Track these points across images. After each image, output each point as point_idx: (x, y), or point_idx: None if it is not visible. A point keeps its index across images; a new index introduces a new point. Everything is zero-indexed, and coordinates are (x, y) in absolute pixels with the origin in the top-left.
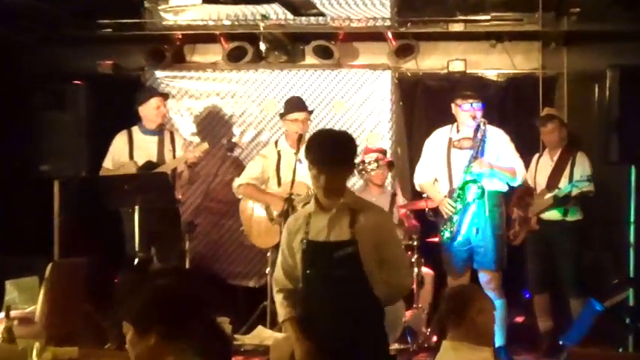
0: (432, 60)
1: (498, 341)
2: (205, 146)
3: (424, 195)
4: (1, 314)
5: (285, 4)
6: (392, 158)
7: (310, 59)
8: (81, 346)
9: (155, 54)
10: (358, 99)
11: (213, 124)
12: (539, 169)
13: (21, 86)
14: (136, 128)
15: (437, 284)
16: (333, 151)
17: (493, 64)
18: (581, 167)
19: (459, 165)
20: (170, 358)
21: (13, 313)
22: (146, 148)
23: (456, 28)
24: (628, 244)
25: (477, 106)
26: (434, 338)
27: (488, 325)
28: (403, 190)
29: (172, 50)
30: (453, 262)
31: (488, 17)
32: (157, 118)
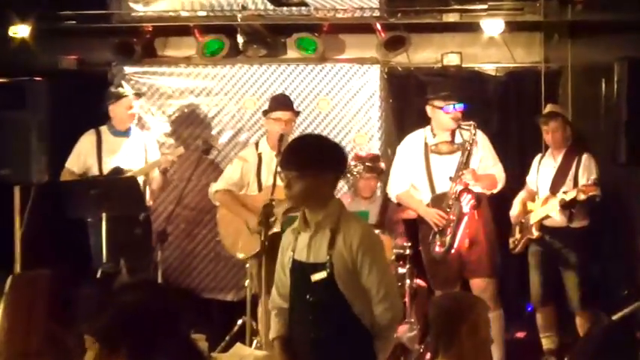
0: (425, 53)
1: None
2: (181, 150)
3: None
4: None
5: None
6: (383, 163)
7: (292, 53)
8: None
9: (123, 48)
10: (344, 96)
11: (187, 124)
12: (542, 172)
13: None
14: (105, 128)
15: (430, 297)
16: (297, 154)
17: (491, 58)
18: (587, 170)
19: (440, 171)
20: None
21: None
22: (116, 150)
23: (451, 18)
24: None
25: (459, 108)
26: (427, 356)
27: (483, 346)
28: None
29: (142, 44)
30: (442, 275)
31: (485, 7)
32: (129, 119)
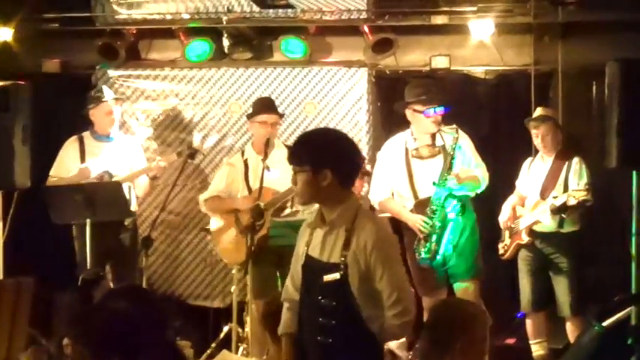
0: (413, 56)
1: None
2: (173, 157)
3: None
4: None
5: None
6: (369, 166)
7: (278, 56)
8: None
9: (107, 51)
10: (331, 99)
11: (172, 128)
12: (532, 176)
13: None
14: (87, 134)
15: (419, 302)
16: (297, 149)
17: (481, 60)
18: (578, 174)
19: (422, 176)
20: None
21: None
22: (99, 155)
23: (439, 20)
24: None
25: (439, 111)
26: None
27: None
28: None
29: (126, 47)
30: (428, 282)
31: (474, 8)
32: (109, 124)
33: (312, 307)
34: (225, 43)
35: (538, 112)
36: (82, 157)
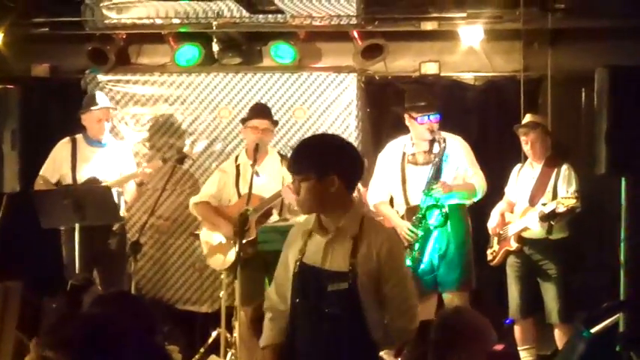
0: (403, 61)
1: None
2: (159, 164)
3: (380, 218)
4: None
5: (241, 0)
6: None
7: (268, 61)
8: None
9: (97, 56)
10: (321, 105)
11: (162, 133)
12: (521, 182)
13: None
14: (80, 137)
15: None
16: (298, 157)
17: (470, 66)
18: (567, 181)
19: (415, 182)
20: None
21: None
22: (90, 160)
23: (429, 26)
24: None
25: (434, 118)
26: None
27: None
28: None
29: (116, 51)
30: (417, 286)
31: (464, 15)
32: (99, 130)
33: (314, 315)
34: (215, 48)
35: (527, 118)
36: (74, 160)
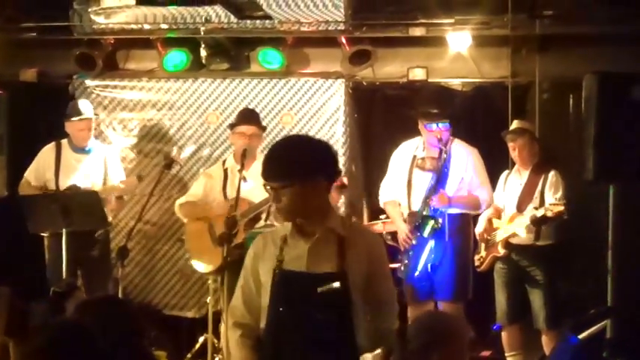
0: (390, 67)
1: None
2: (135, 181)
3: (381, 217)
4: None
5: (229, 5)
6: (345, 178)
7: (256, 66)
8: None
9: (85, 61)
10: (308, 111)
11: (149, 139)
12: (508, 189)
13: None
14: (65, 142)
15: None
16: (279, 163)
17: (458, 72)
18: (554, 187)
19: (419, 187)
20: None
21: None
22: (73, 166)
23: (417, 32)
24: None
25: (443, 126)
26: None
27: None
28: (357, 212)
29: (104, 57)
30: (413, 293)
31: (452, 21)
32: (82, 139)
33: (302, 323)
34: (203, 53)
35: (515, 124)
36: (57, 166)
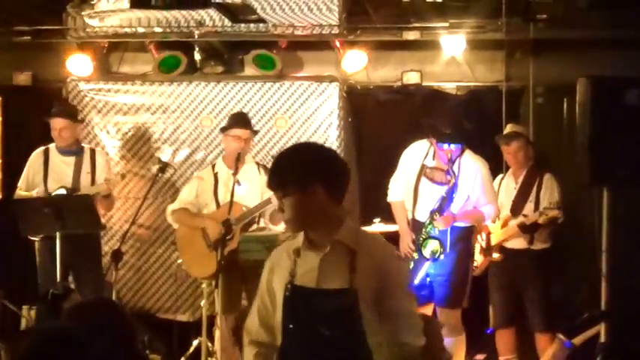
0: (384, 71)
1: None
2: (118, 179)
3: (375, 220)
4: None
5: (223, 9)
6: None
7: (250, 70)
8: None
9: (78, 64)
10: (302, 114)
11: (143, 142)
12: (503, 193)
13: None
14: (53, 146)
15: None
16: (276, 172)
17: (452, 76)
18: (549, 192)
19: (425, 197)
20: None
21: None
22: (61, 170)
23: (411, 36)
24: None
25: (454, 147)
26: None
27: None
28: (352, 215)
29: (97, 60)
30: None
31: (446, 24)
32: (60, 141)
33: (311, 341)
34: (197, 57)
35: (509, 128)
36: (45, 170)
